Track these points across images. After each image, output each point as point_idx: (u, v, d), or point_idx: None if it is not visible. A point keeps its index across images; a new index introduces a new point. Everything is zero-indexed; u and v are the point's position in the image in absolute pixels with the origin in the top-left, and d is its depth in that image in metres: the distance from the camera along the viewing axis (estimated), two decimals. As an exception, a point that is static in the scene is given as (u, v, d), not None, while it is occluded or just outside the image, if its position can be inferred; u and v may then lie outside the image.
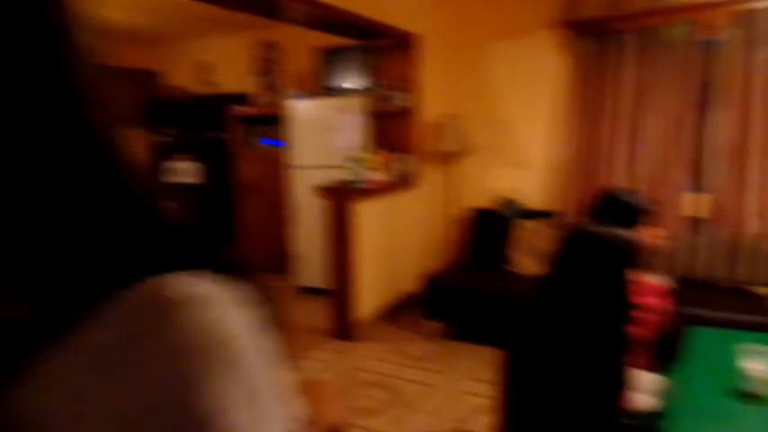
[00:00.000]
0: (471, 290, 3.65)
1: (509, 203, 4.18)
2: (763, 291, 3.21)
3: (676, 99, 3.56)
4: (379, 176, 3.91)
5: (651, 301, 1.90)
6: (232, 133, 5.29)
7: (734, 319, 2.93)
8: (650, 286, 1.90)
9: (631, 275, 1.61)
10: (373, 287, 3.95)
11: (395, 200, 4.10)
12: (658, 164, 3.68)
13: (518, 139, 4.28)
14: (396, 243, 4.16)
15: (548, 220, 3.95)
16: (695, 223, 3.64)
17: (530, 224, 3.92)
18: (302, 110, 4.61)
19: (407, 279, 4.26)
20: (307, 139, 4.59)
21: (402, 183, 4.14)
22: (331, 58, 4.81)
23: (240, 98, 5.29)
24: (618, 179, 3.81)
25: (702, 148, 3.55)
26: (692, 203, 3.65)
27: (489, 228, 4.09)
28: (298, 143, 4.63)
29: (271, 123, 4.95)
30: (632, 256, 1.49)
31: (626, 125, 3.75)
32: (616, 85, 3.75)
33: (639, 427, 1.73)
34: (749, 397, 1.55)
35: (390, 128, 4.21)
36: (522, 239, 3.92)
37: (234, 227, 5.31)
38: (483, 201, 4.33)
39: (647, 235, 1.92)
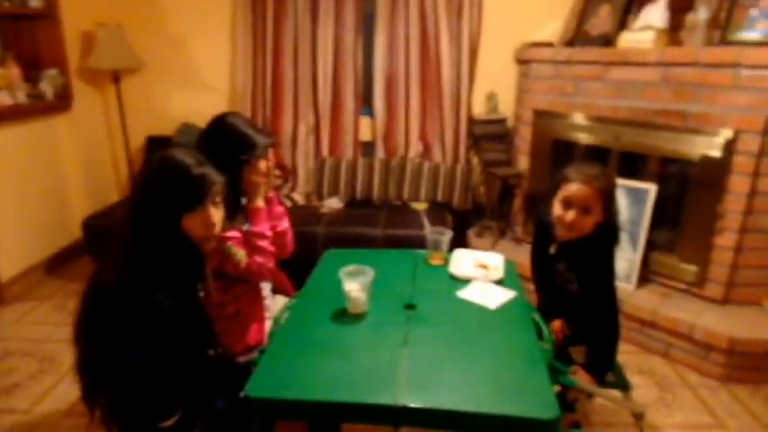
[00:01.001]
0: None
1: (189, 130, 3.75)
2: (420, 206, 3.55)
3: (344, 21, 3.55)
4: (6, 98, 3.04)
5: (265, 227, 1.77)
6: None
7: (396, 235, 3.16)
8: (260, 213, 1.76)
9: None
10: (19, 239, 3.17)
11: (36, 128, 3.29)
12: (336, 89, 3.69)
13: (195, 56, 3.82)
14: (47, 182, 3.39)
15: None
16: (369, 147, 3.81)
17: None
18: None
19: (70, 224, 3.56)
20: None
21: (47, 107, 3.32)
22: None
23: None
24: (302, 105, 3.72)
25: (372, 74, 3.65)
26: (365, 128, 3.80)
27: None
28: None
29: None
30: (201, 190, 1.27)
31: (305, 47, 3.62)
32: (288, 4, 3.54)
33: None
34: (351, 316, 1.55)
35: (25, 35, 3.29)
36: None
37: None
38: (160, 127, 3.82)
39: (256, 170, 1.76)
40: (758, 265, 2.55)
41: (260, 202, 1.81)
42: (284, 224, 1.98)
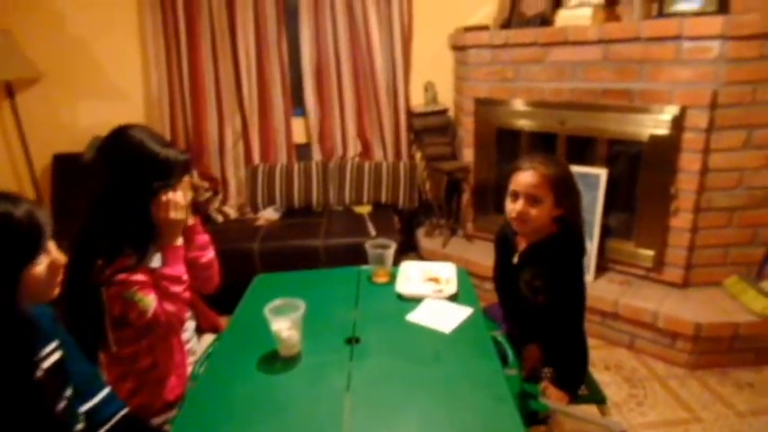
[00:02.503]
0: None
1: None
2: (363, 210, 3.31)
3: (264, 13, 3.24)
4: None
5: (181, 269, 1.49)
6: None
7: (340, 244, 2.91)
8: (176, 252, 1.48)
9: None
10: None
11: None
12: (263, 87, 3.39)
13: (101, 62, 3.41)
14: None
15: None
16: (304, 149, 3.54)
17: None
18: None
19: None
20: None
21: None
22: None
23: None
24: (227, 107, 3.40)
25: (301, 70, 3.37)
26: (299, 129, 3.52)
27: (74, 176, 3.22)
28: None
29: None
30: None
31: (224, 45, 3.30)
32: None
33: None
34: (282, 360, 1.30)
35: None
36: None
37: None
38: (68, 144, 3.40)
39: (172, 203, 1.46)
40: (715, 245, 2.47)
41: (179, 240, 1.52)
42: (209, 255, 1.69)
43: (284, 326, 1.29)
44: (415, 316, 1.46)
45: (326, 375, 1.23)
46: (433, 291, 1.58)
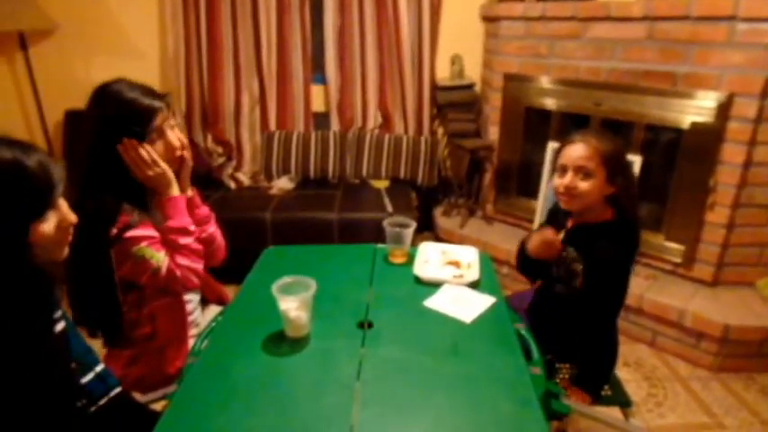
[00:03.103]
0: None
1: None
2: (381, 184, 3.20)
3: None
4: None
5: (186, 219, 1.41)
6: None
7: (354, 219, 2.81)
8: (176, 203, 1.39)
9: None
10: None
11: None
12: (282, 53, 3.25)
13: (118, 16, 3.29)
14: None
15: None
16: (322, 118, 3.42)
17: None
18: None
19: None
20: None
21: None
22: None
23: None
24: (245, 72, 3.27)
25: (323, 36, 3.22)
26: (318, 97, 3.39)
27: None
28: None
29: None
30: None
31: (244, 5, 3.15)
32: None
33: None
34: (289, 341, 1.21)
35: None
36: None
37: None
38: (81, 100, 3.31)
39: (163, 145, 1.37)
40: (751, 243, 2.33)
41: (174, 190, 1.42)
42: (210, 228, 1.59)
43: (293, 306, 1.19)
44: (434, 302, 1.36)
45: (336, 361, 1.14)
46: (454, 276, 1.47)
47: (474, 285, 1.45)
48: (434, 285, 1.44)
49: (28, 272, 0.89)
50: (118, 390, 1.22)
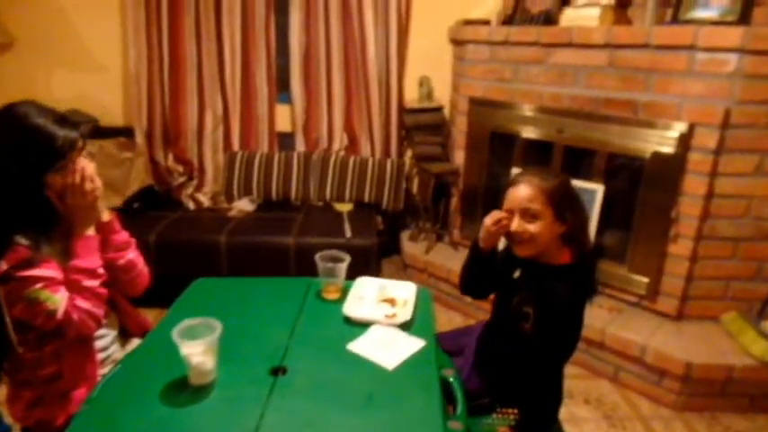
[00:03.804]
0: None
1: (76, 118, 3.18)
2: (344, 208, 3.11)
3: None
4: None
5: (95, 261, 1.31)
6: None
7: (311, 244, 2.71)
8: (87, 243, 1.30)
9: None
10: None
11: None
12: (247, 72, 3.18)
13: (80, 30, 3.22)
14: None
15: (121, 140, 3.13)
16: (287, 139, 3.34)
17: (93, 145, 3.01)
18: None
19: None
20: None
21: None
22: None
23: None
24: (208, 89, 3.20)
25: (289, 55, 3.16)
26: (283, 117, 3.32)
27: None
28: None
29: None
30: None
31: (208, 22, 3.09)
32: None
33: None
34: (192, 389, 1.11)
35: None
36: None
37: None
38: (39, 117, 3.22)
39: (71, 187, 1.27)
40: (715, 276, 2.26)
41: (89, 230, 1.33)
42: (130, 254, 1.48)
43: (196, 350, 1.09)
44: (358, 345, 1.26)
45: (235, 414, 1.04)
46: (386, 315, 1.38)
47: (407, 326, 1.35)
48: (365, 325, 1.35)
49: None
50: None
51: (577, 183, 2.39)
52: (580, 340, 1.39)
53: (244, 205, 3.07)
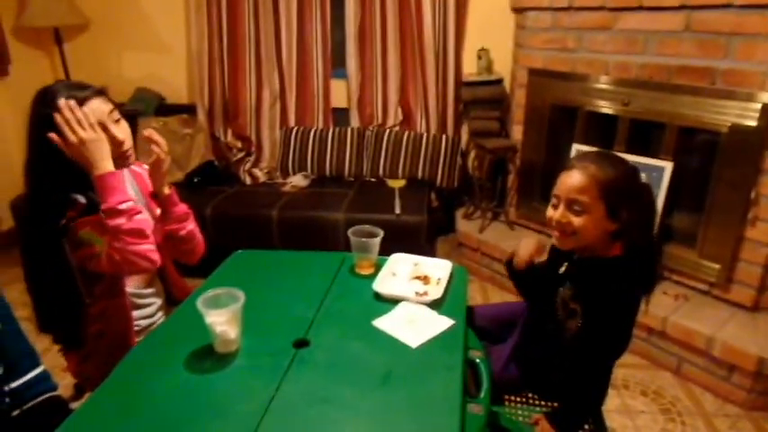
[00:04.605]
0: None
1: (144, 96, 3.33)
2: (396, 184, 3.07)
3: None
4: None
5: (118, 197, 1.28)
6: None
7: (360, 219, 2.70)
8: (105, 180, 1.27)
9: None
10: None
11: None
12: (303, 48, 3.18)
13: (147, 11, 3.36)
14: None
15: (184, 116, 3.25)
16: (342, 114, 3.33)
17: (158, 122, 3.14)
18: None
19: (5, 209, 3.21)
20: None
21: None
22: None
23: None
24: (266, 66, 3.24)
25: (344, 30, 3.13)
26: (338, 92, 3.30)
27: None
28: None
29: None
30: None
31: (265, 2, 3.11)
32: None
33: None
34: (217, 356, 1.12)
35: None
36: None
37: None
38: (113, 93, 3.38)
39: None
40: (800, 265, 2.03)
41: (105, 165, 1.28)
42: (189, 226, 1.54)
43: (219, 319, 1.11)
44: (384, 322, 1.23)
45: (253, 384, 1.04)
46: (417, 293, 1.34)
47: (437, 304, 1.31)
48: (395, 302, 1.31)
49: None
50: (50, 394, 1.21)
51: (643, 160, 2.22)
52: (636, 327, 1.27)
53: (298, 181, 3.11)
